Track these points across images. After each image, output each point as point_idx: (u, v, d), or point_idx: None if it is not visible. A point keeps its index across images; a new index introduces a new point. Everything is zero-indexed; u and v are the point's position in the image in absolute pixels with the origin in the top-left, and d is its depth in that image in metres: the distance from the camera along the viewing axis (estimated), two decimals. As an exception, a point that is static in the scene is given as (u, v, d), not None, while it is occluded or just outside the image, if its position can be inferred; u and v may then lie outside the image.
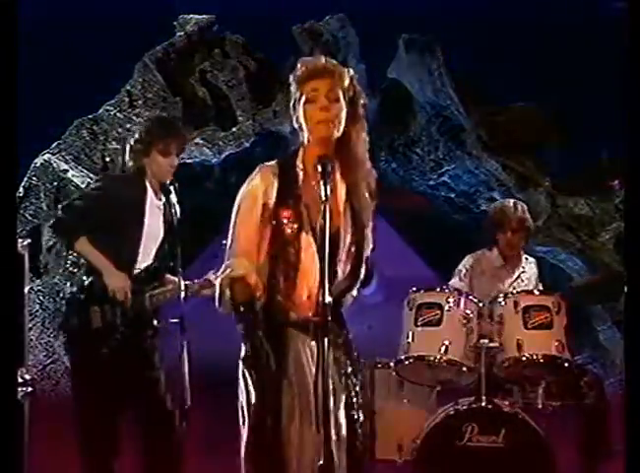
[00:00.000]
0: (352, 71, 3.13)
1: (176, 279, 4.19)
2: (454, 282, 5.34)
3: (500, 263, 5.40)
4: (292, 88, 3.10)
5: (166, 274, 4.46)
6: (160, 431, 4.33)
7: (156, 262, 4.44)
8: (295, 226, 3.05)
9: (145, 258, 4.41)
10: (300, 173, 3.11)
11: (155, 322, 4.35)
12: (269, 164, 3.16)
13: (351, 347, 3.21)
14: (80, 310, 4.34)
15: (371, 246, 3.19)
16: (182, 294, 4.10)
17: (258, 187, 3.10)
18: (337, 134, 3.07)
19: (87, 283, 4.35)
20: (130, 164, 4.50)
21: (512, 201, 5.52)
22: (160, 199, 4.45)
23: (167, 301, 4.37)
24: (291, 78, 3.11)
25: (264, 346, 3.01)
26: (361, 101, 3.14)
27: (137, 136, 4.48)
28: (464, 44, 8.67)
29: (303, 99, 3.06)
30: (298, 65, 3.11)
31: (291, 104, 3.11)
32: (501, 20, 8.71)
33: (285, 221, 3.05)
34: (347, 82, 3.07)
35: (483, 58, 8.62)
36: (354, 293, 3.22)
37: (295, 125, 3.12)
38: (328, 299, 2.80)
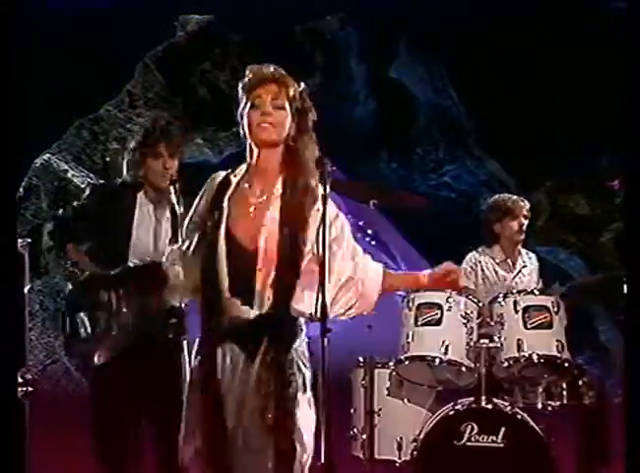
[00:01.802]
0: (302, 85, 3.14)
1: None
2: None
3: (501, 258, 5.43)
4: (240, 95, 3.13)
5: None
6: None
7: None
8: (213, 233, 3.07)
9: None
10: (234, 182, 3.13)
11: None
12: (223, 171, 3.23)
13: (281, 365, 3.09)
14: (69, 319, 4.35)
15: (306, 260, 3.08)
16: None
17: (210, 185, 3.21)
18: (278, 138, 3.08)
19: (70, 291, 4.36)
20: (129, 173, 4.49)
21: (509, 195, 5.65)
22: (164, 206, 4.43)
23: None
24: (240, 85, 3.14)
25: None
26: (310, 115, 3.12)
27: (131, 146, 4.49)
28: (464, 44, 8.67)
29: (249, 105, 3.09)
30: (246, 72, 3.14)
31: (239, 112, 3.14)
32: (501, 20, 8.72)
33: (207, 225, 3.09)
34: (292, 91, 3.08)
35: (483, 58, 8.62)
36: (307, 310, 3.08)
37: (241, 133, 3.16)
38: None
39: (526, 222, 5.41)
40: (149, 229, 4.40)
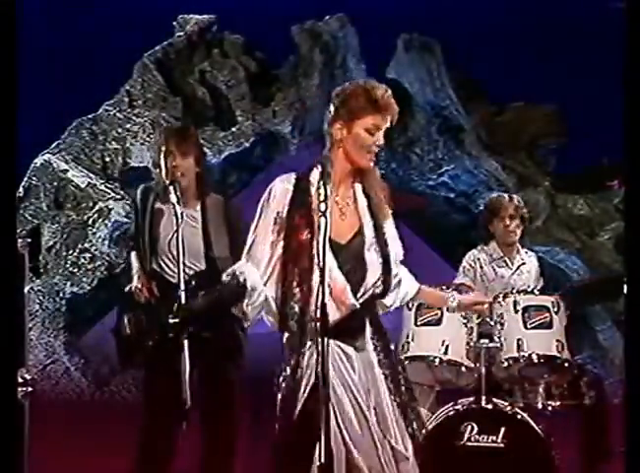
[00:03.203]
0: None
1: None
2: (460, 278, 5.36)
3: (498, 255, 5.41)
4: (336, 102, 3.19)
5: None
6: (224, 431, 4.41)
7: (208, 267, 4.42)
8: (307, 233, 3.08)
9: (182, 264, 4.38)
10: (314, 186, 3.14)
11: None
12: (287, 175, 3.24)
13: (388, 352, 3.23)
14: (118, 319, 4.42)
15: (393, 252, 3.23)
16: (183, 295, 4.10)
17: (274, 196, 3.17)
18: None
19: (126, 293, 4.46)
20: (160, 178, 4.53)
21: (506, 194, 5.62)
22: (194, 206, 4.44)
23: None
24: (339, 94, 3.22)
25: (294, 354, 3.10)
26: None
27: (156, 149, 4.61)
28: (463, 44, 8.68)
29: (361, 125, 3.18)
30: (364, 89, 3.21)
31: (329, 120, 3.18)
32: (500, 20, 8.73)
33: (298, 228, 3.09)
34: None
35: (483, 58, 8.63)
36: (388, 302, 3.30)
37: (327, 143, 3.21)
38: (328, 299, 2.85)
39: (514, 222, 5.34)
40: (172, 228, 4.40)
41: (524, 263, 5.44)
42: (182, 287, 4.12)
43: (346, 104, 3.15)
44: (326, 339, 2.82)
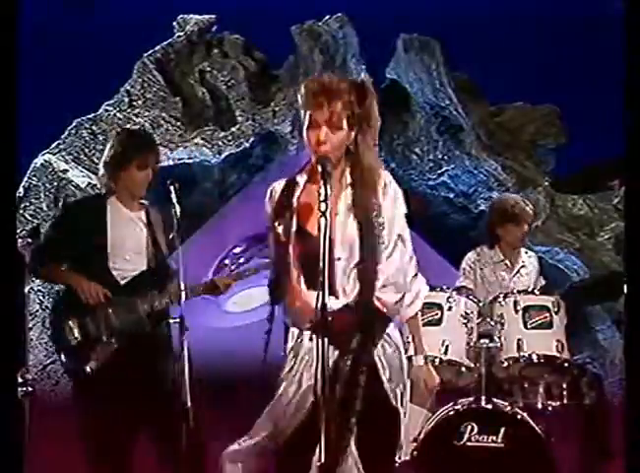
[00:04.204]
0: (363, 74, 3.16)
1: (177, 284, 4.17)
2: (460, 281, 5.36)
3: (500, 258, 5.41)
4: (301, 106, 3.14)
5: (168, 278, 4.43)
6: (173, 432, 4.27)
7: (148, 269, 4.42)
8: (285, 235, 3.08)
9: (126, 268, 4.38)
10: (301, 184, 3.14)
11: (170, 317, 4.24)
12: (281, 180, 3.23)
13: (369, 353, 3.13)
14: (57, 328, 4.35)
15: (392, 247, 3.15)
16: (184, 296, 4.08)
17: (267, 206, 3.19)
18: (339, 153, 3.10)
19: (55, 300, 4.38)
20: (104, 179, 4.47)
21: (515, 195, 5.61)
22: (139, 210, 4.44)
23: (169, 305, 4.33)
24: (299, 97, 3.16)
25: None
26: (373, 112, 3.14)
27: (112, 151, 4.46)
28: (463, 44, 8.67)
29: (306, 122, 3.10)
30: (302, 87, 3.14)
31: (304, 127, 3.13)
32: (500, 20, 8.72)
33: (278, 228, 3.09)
34: (351, 98, 3.07)
35: (483, 58, 8.62)
36: (389, 299, 3.13)
37: (305, 144, 3.17)
38: (329, 301, 2.83)
39: (526, 225, 5.37)
40: (134, 227, 4.41)
41: (524, 266, 5.45)
42: (182, 287, 4.12)
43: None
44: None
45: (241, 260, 4.42)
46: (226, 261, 4.50)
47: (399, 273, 3.10)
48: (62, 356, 4.34)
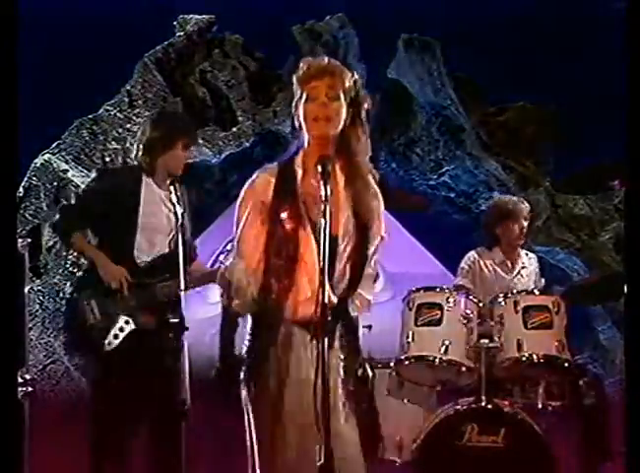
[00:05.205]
0: (356, 74, 3.15)
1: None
2: (458, 279, 5.37)
3: (500, 259, 5.43)
4: (294, 87, 3.12)
5: (190, 261, 4.42)
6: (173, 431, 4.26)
7: (168, 252, 4.41)
8: (294, 223, 3.05)
9: (151, 249, 4.38)
10: (299, 172, 3.11)
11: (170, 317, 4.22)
12: (269, 165, 3.18)
13: (357, 350, 3.17)
14: (75, 308, 4.33)
15: (375, 246, 3.18)
16: (182, 284, 4.05)
17: (256, 187, 3.13)
18: (334, 132, 3.08)
19: (79, 278, 4.38)
20: (145, 160, 4.44)
21: (514, 197, 5.64)
22: (169, 191, 4.41)
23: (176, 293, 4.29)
24: (294, 77, 3.13)
25: (264, 345, 3.04)
26: (365, 105, 3.15)
27: (156, 133, 4.42)
28: (464, 44, 8.66)
29: (304, 97, 3.07)
30: (301, 64, 3.13)
31: (293, 104, 3.13)
32: (500, 20, 8.71)
33: (283, 218, 3.05)
34: (348, 83, 3.09)
35: (483, 58, 8.61)
36: (369, 297, 3.20)
37: (296, 124, 3.13)
38: (328, 298, 2.82)
39: (526, 224, 5.41)
40: (162, 207, 4.40)
41: (524, 267, 5.46)
42: (182, 286, 4.12)
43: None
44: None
45: None
46: (221, 258, 4.51)
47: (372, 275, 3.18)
48: (80, 335, 4.33)
